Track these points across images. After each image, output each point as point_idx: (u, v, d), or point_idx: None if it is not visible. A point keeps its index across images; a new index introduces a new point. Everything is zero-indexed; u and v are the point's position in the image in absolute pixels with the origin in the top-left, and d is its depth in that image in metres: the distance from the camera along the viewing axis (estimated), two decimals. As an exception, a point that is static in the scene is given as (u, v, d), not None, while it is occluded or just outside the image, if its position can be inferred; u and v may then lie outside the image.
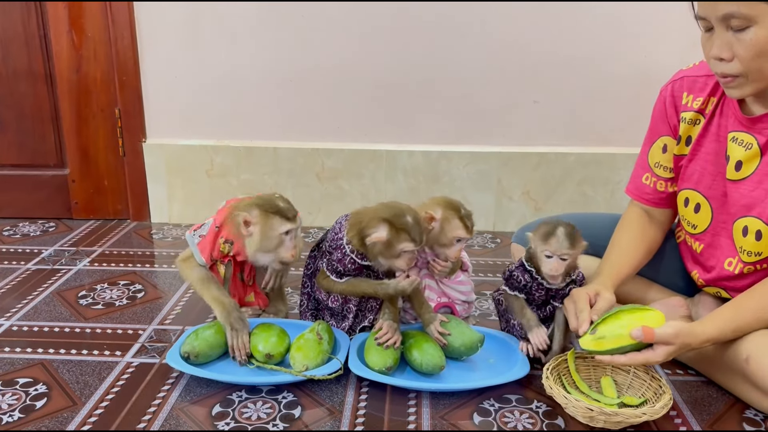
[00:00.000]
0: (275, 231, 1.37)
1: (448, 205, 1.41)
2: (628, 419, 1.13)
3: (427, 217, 1.39)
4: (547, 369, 1.24)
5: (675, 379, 1.34)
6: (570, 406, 1.17)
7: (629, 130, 2.14)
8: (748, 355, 1.18)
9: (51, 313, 1.61)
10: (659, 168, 1.43)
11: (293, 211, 1.39)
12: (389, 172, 2.20)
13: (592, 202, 2.18)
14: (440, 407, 1.24)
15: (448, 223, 1.38)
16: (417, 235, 1.31)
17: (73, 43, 2.13)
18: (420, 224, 1.33)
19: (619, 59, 2.08)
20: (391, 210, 1.33)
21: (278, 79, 2.15)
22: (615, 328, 1.17)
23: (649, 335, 1.13)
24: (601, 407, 1.14)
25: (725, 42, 1.12)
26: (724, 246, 1.33)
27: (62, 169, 2.28)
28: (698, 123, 1.34)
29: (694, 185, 1.36)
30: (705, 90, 1.32)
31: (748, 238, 1.26)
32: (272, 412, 1.22)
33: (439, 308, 1.47)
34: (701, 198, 1.35)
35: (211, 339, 1.34)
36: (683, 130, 1.36)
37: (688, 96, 1.35)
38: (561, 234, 1.27)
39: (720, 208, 1.32)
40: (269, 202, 1.39)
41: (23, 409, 1.22)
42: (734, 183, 1.28)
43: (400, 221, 1.30)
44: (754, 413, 1.22)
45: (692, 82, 1.35)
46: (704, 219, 1.35)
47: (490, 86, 2.13)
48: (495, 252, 2.06)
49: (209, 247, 1.42)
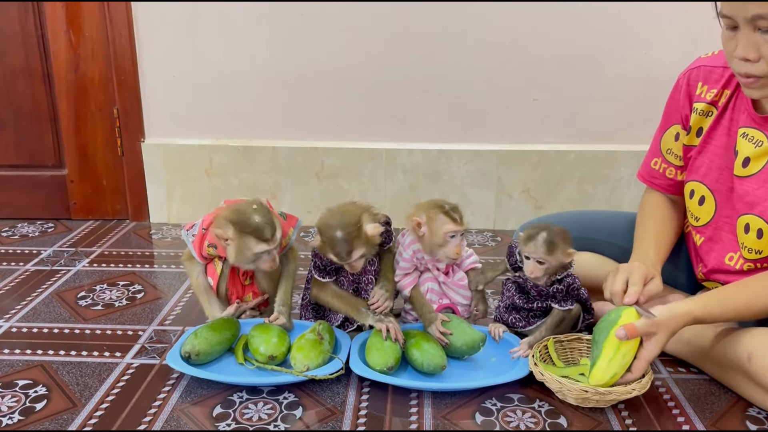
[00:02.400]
0: (250, 250, 1.34)
1: (430, 205, 1.40)
2: (621, 396, 1.18)
3: (414, 225, 1.38)
4: (532, 357, 1.27)
5: (677, 377, 1.33)
6: (564, 390, 1.20)
7: (629, 127, 2.13)
8: (750, 353, 1.18)
9: (50, 314, 1.61)
10: (671, 155, 1.43)
11: (270, 229, 1.33)
12: (389, 170, 2.20)
13: (592, 200, 2.18)
14: (442, 407, 1.23)
15: (433, 221, 1.37)
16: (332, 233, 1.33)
17: (71, 42, 2.12)
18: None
19: (618, 57, 2.07)
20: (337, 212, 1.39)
21: (277, 78, 2.15)
22: (616, 358, 1.18)
23: (632, 331, 1.15)
24: (595, 388, 1.18)
25: (752, 43, 1.11)
26: (725, 240, 1.32)
27: (60, 169, 2.27)
28: (710, 115, 1.33)
29: (701, 177, 1.35)
30: (720, 82, 1.31)
31: (750, 235, 1.26)
32: (273, 412, 1.21)
33: (440, 310, 1.47)
34: (707, 191, 1.34)
35: (211, 338, 1.34)
36: (694, 121, 1.36)
37: (703, 86, 1.33)
38: (540, 239, 1.31)
39: (724, 202, 1.32)
40: (245, 220, 1.32)
41: (23, 411, 1.21)
42: (740, 179, 1.27)
43: (323, 224, 1.37)
44: (756, 411, 1.22)
45: (709, 72, 1.33)
46: (707, 212, 1.35)
47: (489, 84, 2.12)
48: (495, 250, 2.05)
49: (198, 248, 1.43)
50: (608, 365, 1.18)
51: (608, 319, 1.20)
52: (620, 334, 1.15)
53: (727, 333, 1.26)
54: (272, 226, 1.34)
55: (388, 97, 2.15)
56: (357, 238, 1.33)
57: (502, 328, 1.42)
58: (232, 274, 1.48)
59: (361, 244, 1.34)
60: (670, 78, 2.04)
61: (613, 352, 1.17)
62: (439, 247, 1.38)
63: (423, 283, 1.46)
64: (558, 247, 1.31)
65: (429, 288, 1.45)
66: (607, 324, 1.20)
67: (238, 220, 1.33)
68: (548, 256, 1.31)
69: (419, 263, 1.45)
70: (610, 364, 1.18)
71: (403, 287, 1.45)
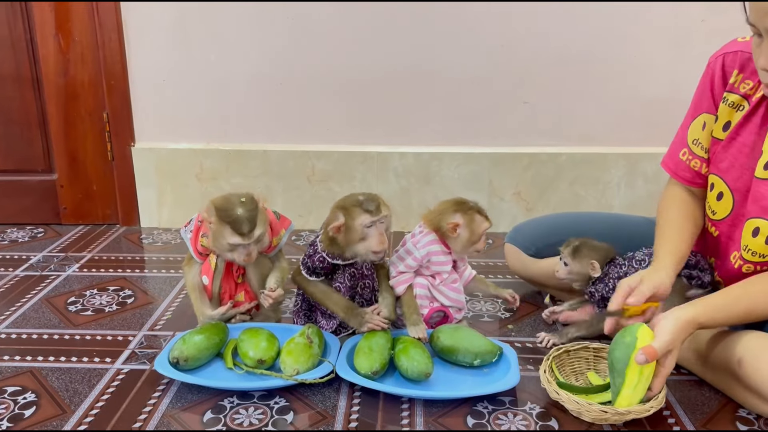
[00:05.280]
0: (224, 239, 1.35)
1: (460, 206, 1.45)
2: (639, 415, 1.16)
3: (450, 227, 1.42)
4: (544, 373, 1.24)
5: (669, 379, 1.32)
6: (583, 410, 1.17)
7: (619, 130, 2.14)
8: (740, 357, 1.18)
9: (40, 320, 1.60)
10: (697, 146, 1.35)
11: (249, 225, 1.34)
12: (380, 173, 2.20)
13: (583, 202, 2.19)
14: (433, 411, 1.23)
15: (472, 222, 1.43)
16: (369, 206, 1.34)
17: (60, 46, 2.11)
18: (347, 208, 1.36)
19: (608, 59, 2.08)
20: (345, 198, 1.39)
21: (268, 81, 2.14)
22: (640, 383, 1.15)
23: (652, 354, 1.11)
24: (615, 408, 1.15)
25: None
26: (734, 238, 1.30)
27: (50, 174, 2.26)
28: (741, 109, 1.26)
29: (722, 173, 1.30)
30: (757, 74, 1.19)
31: (758, 239, 1.23)
32: (264, 417, 1.21)
33: (432, 313, 1.47)
34: (725, 188, 1.30)
35: (200, 343, 1.33)
36: (723, 112, 1.29)
37: (739, 75, 1.26)
38: (573, 244, 1.51)
39: (742, 201, 1.28)
40: (227, 209, 1.34)
41: (12, 419, 1.20)
42: (759, 181, 1.23)
43: (350, 202, 1.36)
44: (747, 412, 1.22)
45: (747, 60, 1.24)
46: (725, 208, 1.31)
47: (480, 88, 2.12)
48: (488, 253, 2.06)
49: (194, 241, 1.43)
50: (634, 392, 1.14)
51: (624, 343, 1.15)
52: (640, 360, 1.11)
53: (720, 338, 1.26)
54: (252, 222, 1.34)
55: (379, 101, 2.15)
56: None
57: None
58: (226, 271, 1.47)
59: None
60: (660, 80, 2.08)
61: (637, 377, 1.14)
62: (473, 244, 1.45)
63: (414, 287, 1.46)
64: (583, 255, 1.47)
65: (418, 294, 1.45)
66: (625, 349, 1.15)
67: (222, 207, 1.35)
68: (572, 259, 1.49)
69: (427, 265, 1.46)
70: (636, 390, 1.14)
71: (397, 284, 1.45)
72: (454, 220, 1.42)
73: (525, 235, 1.71)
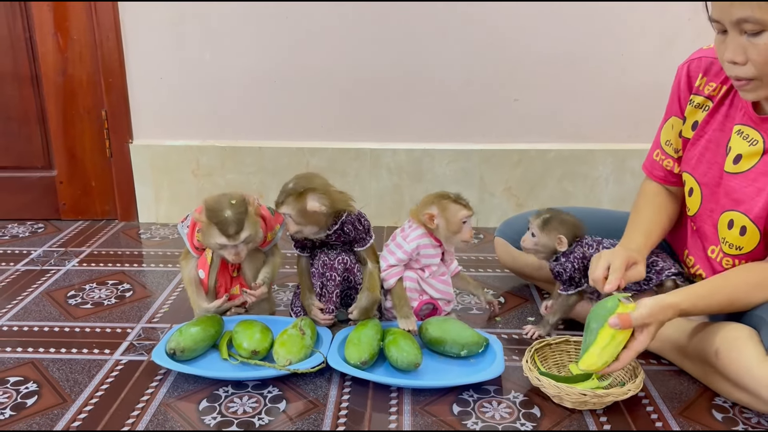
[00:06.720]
0: (213, 239, 1.39)
1: (437, 197, 1.48)
2: (618, 397, 1.21)
3: (427, 218, 1.45)
4: (526, 362, 1.29)
5: (648, 369, 1.38)
6: (563, 394, 1.22)
7: (607, 126, 2.18)
8: (717, 348, 1.22)
9: (40, 313, 1.64)
10: (669, 147, 1.44)
11: (235, 227, 1.36)
12: (373, 170, 2.24)
13: (572, 198, 2.23)
14: (420, 399, 1.27)
15: (447, 211, 1.45)
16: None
17: (59, 45, 2.15)
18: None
19: (596, 58, 2.12)
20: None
21: (262, 79, 2.18)
22: (610, 346, 1.18)
23: (626, 321, 1.15)
24: (594, 391, 1.20)
25: (739, 46, 1.11)
26: (708, 234, 1.36)
27: (50, 170, 2.30)
28: (705, 109, 1.34)
29: (691, 169, 1.37)
30: (720, 76, 1.30)
31: (733, 231, 1.28)
32: (258, 406, 1.25)
33: (422, 305, 1.51)
34: (695, 183, 1.37)
35: (195, 334, 1.37)
36: (689, 113, 1.37)
37: (703, 78, 1.34)
38: (543, 216, 1.49)
39: (710, 196, 1.34)
40: (216, 210, 1.37)
41: (14, 407, 1.25)
42: (730, 175, 1.29)
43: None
44: (722, 401, 1.27)
45: (710, 64, 1.33)
46: (695, 204, 1.38)
47: (471, 85, 2.16)
48: (478, 247, 2.10)
49: (190, 236, 1.47)
50: (601, 352, 1.17)
51: (606, 307, 1.19)
52: (613, 323, 1.15)
53: (698, 329, 1.30)
54: (239, 224, 1.37)
55: (372, 98, 2.19)
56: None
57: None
58: (222, 265, 1.51)
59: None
60: (646, 78, 2.11)
61: (608, 340, 1.17)
62: (454, 234, 1.47)
63: (403, 280, 1.50)
64: (551, 228, 1.46)
65: (407, 287, 1.49)
66: (604, 312, 1.18)
67: (211, 208, 1.38)
68: (540, 231, 1.48)
69: (416, 258, 1.49)
70: (604, 351, 1.17)
71: (387, 277, 1.49)
72: (429, 211, 1.46)
73: (514, 229, 1.74)
